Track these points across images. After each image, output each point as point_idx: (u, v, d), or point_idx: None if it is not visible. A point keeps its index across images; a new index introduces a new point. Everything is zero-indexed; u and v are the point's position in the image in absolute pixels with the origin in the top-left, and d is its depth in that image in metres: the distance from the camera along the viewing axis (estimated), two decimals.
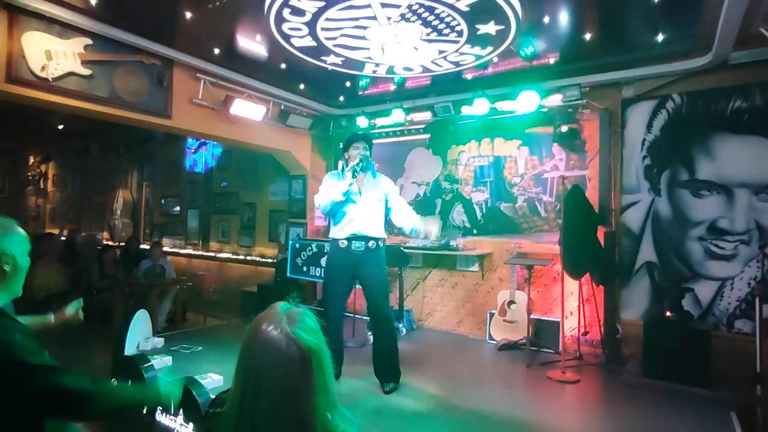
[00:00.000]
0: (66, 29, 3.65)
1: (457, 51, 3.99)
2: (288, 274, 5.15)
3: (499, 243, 5.18)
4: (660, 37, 3.70)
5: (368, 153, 3.50)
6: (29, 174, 11.66)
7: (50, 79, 3.60)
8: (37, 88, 3.55)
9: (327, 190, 3.43)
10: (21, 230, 1.30)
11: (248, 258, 7.14)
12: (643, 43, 3.88)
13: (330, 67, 4.42)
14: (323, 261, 4.78)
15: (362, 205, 3.42)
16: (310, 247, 4.94)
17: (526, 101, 4.53)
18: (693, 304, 4.04)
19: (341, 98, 5.70)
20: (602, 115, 4.53)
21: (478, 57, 4.12)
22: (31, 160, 11.61)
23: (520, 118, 4.93)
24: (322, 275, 4.76)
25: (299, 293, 1.25)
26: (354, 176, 3.34)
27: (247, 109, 4.89)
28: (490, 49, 3.95)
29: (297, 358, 0.92)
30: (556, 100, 4.57)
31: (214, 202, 7.90)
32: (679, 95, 4.21)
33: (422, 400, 3.31)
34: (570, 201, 4.09)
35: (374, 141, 5.99)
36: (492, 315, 4.91)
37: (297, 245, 5.12)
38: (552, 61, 4.27)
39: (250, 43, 4.10)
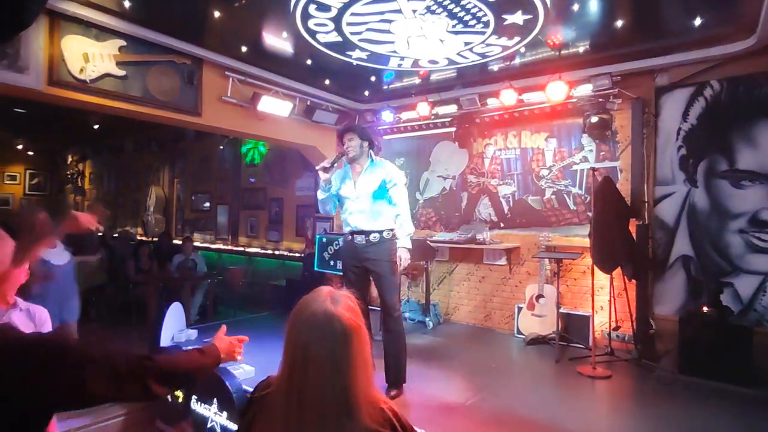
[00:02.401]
0: (102, 32, 3.78)
1: (483, 42, 3.94)
2: (315, 268, 5.21)
3: (526, 237, 5.11)
4: (698, 21, 3.54)
5: (360, 143, 3.30)
6: (68, 173, 12.17)
7: (88, 81, 3.74)
8: (77, 89, 3.69)
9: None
10: None
11: (276, 252, 7.27)
12: (679, 28, 3.73)
13: (355, 62, 4.44)
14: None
15: (356, 199, 3.32)
16: (336, 242, 4.98)
17: (555, 92, 4.43)
18: (733, 300, 3.89)
19: (366, 93, 5.71)
20: (635, 105, 4.39)
21: (505, 48, 4.06)
22: (70, 159, 12.10)
23: (548, 110, 4.83)
24: None
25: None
26: (327, 172, 3.27)
27: (274, 106, 4.97)
28: (517, 39, 3.88)
29: (340, 333, 1.00)
30: (585, 89, 4.46)
31: (242, 198, 8.06)
32: (718, 81, 4.03)
33: (450, 394, 3.30)
34: (600, 193, 3.99)
35: (399, 135, 6.05)
36: (520, 309, 4.86)
37: (324, 239, 5.17)
38: (581, 49, 4.16)
39: (277, 40, 4.16)
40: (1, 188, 11.55)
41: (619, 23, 3.65)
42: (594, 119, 4.40)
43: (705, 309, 3.71)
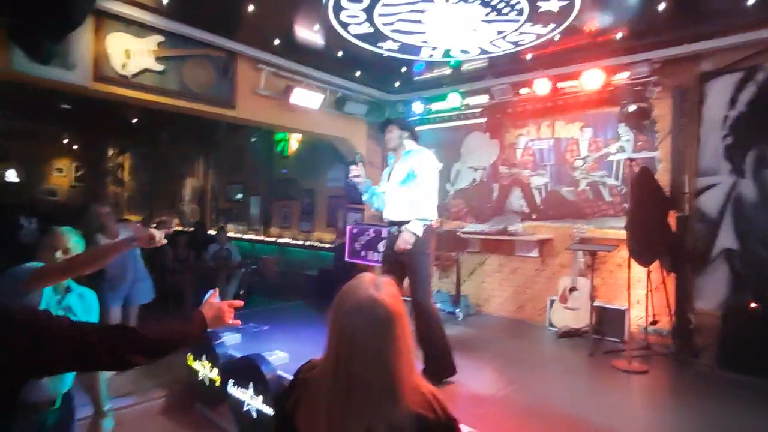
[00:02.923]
0: (142, 28, 3.92)
1: (516, 30, 3.87)
2: (347, 258, 5.28)
3: (559, 228, 5.02)
4: (750, 1, 3.35)
5: (399, 133, 3.35)
6: (109, 165, 12.69)
7: (129, 76, 3.89)
8: (119, 84, 3.85)
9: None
10: None
11: (307, 243, 7.40)
12: (727, 9, 3.54)
13: (386, 53, 4.43)
14: (381, 246, 4.87)
15: (388, 191, 3.38)
16: (367, 232, 5.03)
17: (590, 80, 4.31)
18: None
19: (396, 84, 5.70)
20: (675, 92, 4.22)
21: (539, 36, 3.97)
22: (110, 152, 12.60)
23: (583, 99, 4.69)
24: (380, 259, 4.87)
25: None
26: (359, 176, 3.35)
27: (306, 98, 5.03)
28: (552, 26, 3.79)
29: (384, 319, 1.03)
30: (623, 77, 4.30)
31: (274, 189, 8.22)
32: None
33: (481, 384, 3.31)
34: (638, 184, 3.88)
35: (430, 126, 6.01)
36: (552, 301, 4.79)
37: (355, 230, 5.23)
38: (619, 36, 4.02)
39: (309, 33, 4.20)
40: (51, 180, 12.18)
41: (661, 6, 3.49)
42: (632, 108, 4.25)
43: (753, 305, 3.56)
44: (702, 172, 4.15)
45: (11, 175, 11.26)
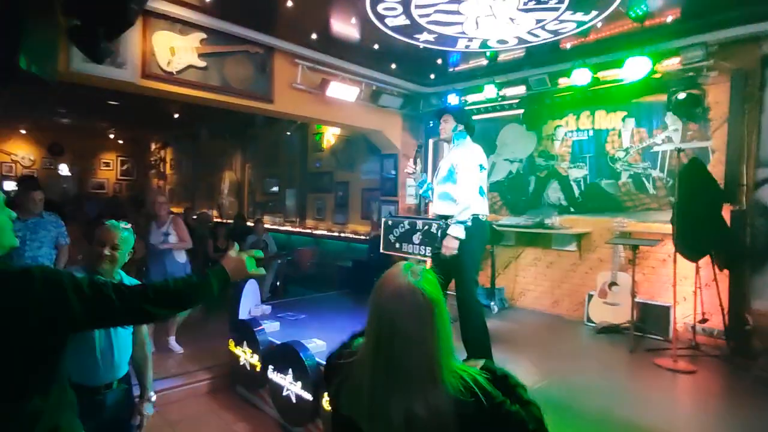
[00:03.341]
0: (185, 26, 4.06)
1: (556, 19, 3.77)
2: (381, 250, 5.33)
3: (598, 222, 4.89)
4: None
5: (453, 125, 3.31)
6: (152, 159, 13.22)
7: (174, 73, 4.04)
8: (165, 81, 4.01)
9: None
10: None
11: (342, 234, 7.50)
12: None
13: (422, 45, 4.42)
14: (416, 238, 4.89)
15: (435, 185, 3.40)
16: (402, 224, 5.06)
17: (635, 68, 4.14)
18: None
19: (432, 76, 5.67)
20: (734, 77, 3.96)
21: (580, 24, 3.86)
22: (153, 146, 13.13)
23: (627, 87, 4.52)
24: (414, 251, 4.89)
25: None
26: (414, 171, 3.47)
27: (342, 91, 5.09)
28: (594, 13, 3.68)
29: (424, 306, 1.05)
30: (672, 63, 4.11)
31: (309, 182, 8.36)
32: None
33: (519, 377, 3.27)
34: (687, 175, 3.71)
35: None
36: (591, 296, 4.69)
37: (390, 222, 5.27)
38: (670, 19, 3.84)
39: (345, 27, 4.24)
40: (99, 174, 12.82)
41: None
42: (681, 96, 4.06)
43: None
44: (762, 162, 3.91)
45: (64, 169, 11.94)
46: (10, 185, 9.61)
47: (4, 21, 2.44)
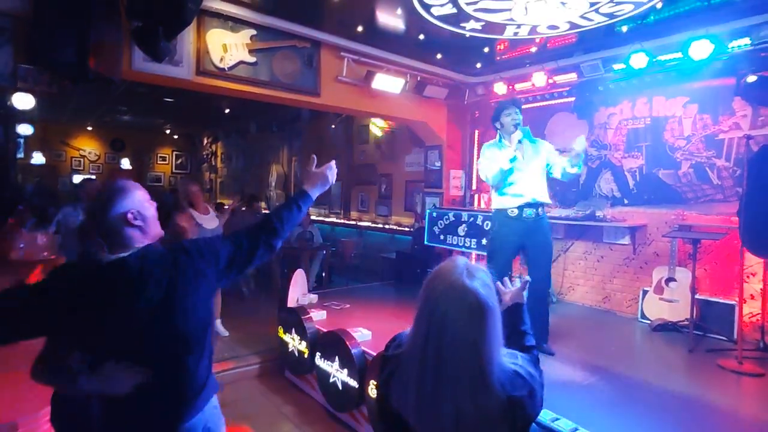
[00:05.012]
0: (236, 23, 4.20)
1: (611, 1, 3.59)
2: (426, 242, 5.33)
3: (655, 214, 4.65)
4: None
5: (520, 117, 3.48)
6: (204, 153, 13.80)
7: (226, 69, 4.20)
8: (218, 77, 4.17)
9: (495, 159, 3.45)
10: (137, 190, 1.45)
11: (386, 226, 7.56)
12: None
13: (468, 34, 4.34)
14: (461, 230, 4.85)
15: (528, 172, 3.43)
16: (447, 216, 5.03)
17: (699, 51, 3.87)
18: None
19: (478, 65, 5.56)
20: None
21: (639, 4, 3.66)
22: (205, 141, 13.70)
23: (688, 71, 4.24)
24: (459, 244, 4.86)
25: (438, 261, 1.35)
26: (520, 142, 3.45)
27: (387, 83, 5.09)
28: None
29: (476, 309, 1.02)
30: (741, 43, 3.81)
31: (353, 174, 8.46)
32: None
33: (565, 371, 3.20)
34: (757, 164, 3.45)
35: None
36: (645, 292, 4.48)
37: (434, 214, 5.25)
38: None
39: (390, 18, 4.23)
40: (156, 167, 13.55)
41: None
42: (751, 78, 3.76)
43: None
44: None
45: (125, 163, 12.71)
46: (78, 178, 10.34)
47: (76, 25, 2.63)
